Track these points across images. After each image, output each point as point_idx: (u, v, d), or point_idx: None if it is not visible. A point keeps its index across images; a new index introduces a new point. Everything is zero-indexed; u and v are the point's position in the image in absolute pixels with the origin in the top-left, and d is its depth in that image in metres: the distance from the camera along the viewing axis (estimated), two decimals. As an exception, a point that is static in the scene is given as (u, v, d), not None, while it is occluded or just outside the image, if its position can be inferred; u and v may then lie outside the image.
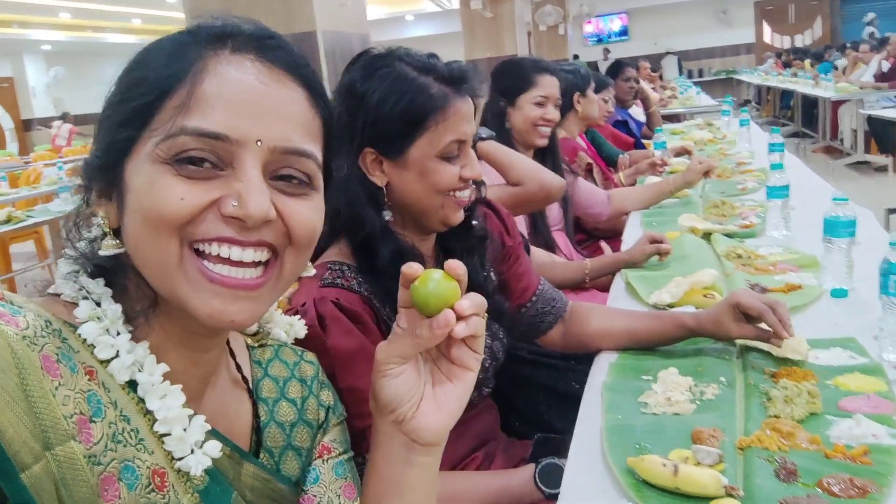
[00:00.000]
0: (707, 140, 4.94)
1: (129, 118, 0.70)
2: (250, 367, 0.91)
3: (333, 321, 1.16)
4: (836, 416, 1.19)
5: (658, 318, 1.54)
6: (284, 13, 3.64)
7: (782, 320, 1.36)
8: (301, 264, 0.77)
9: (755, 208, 2.69)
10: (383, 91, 1.23)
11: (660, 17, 19.41)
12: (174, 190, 0.67)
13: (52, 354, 0.64)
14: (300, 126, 0.73)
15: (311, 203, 0.75)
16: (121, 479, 0.67)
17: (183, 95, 0.68)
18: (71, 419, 0.63)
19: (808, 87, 10.42)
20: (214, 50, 0.71)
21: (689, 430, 1.16)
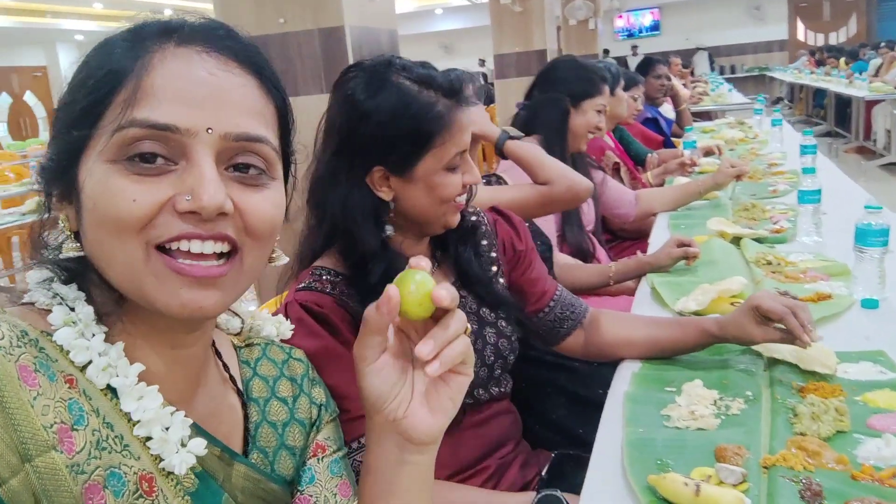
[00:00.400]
0: (738, 139, 4.87)
1: (78, 118, 0.69)
2: (239, 368, 0.91)
3: (298, 322, 1.15)
4: (864, 435, 1.16)
5: (680, 325, 1.51)
6: (313, 8, 3.64)
7: (803, 324, 1.32)
8: (263, 257, 0.76)
9: (786, 212, 2.65)
10: (389, 111, 1.24)
11: (692, 13, 19.20)
12: (126, 192, 0.66)
13: (30, 364, 0.64)
14: (251, 112, 0.72)
15: (269, 194, 0.74)
16: (106, 486, 0.66)
17: (131, 89, 0.67)
18: (51, 429, 0.63)
19: (841, 86, 10.25)
20: (160, 44, 0.70)
21: (713, 447, 1.14)
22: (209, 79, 0.70)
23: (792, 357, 1.40)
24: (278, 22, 3.68)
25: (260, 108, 0.73)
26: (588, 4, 12.31)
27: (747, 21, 19.10)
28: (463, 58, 19.93)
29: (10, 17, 13.36)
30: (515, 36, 9.07)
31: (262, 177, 0.73)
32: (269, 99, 0.75)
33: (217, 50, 0.72)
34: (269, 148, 0.73)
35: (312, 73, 3.27)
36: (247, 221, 0.71)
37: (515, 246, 1.55)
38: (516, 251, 1.55)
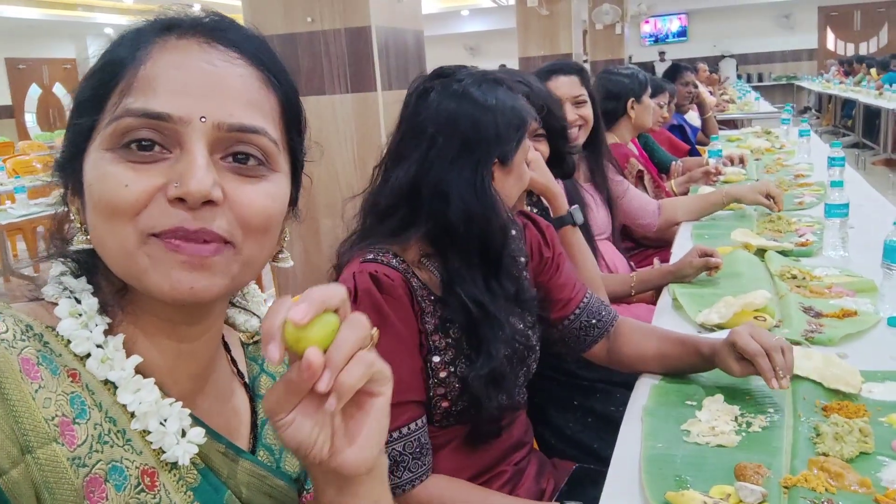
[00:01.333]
0: (764, 149, 4.82)
1: (82, 107, 0.70)
2: (246, 364, 0.91)
3: (365, 293, 1.24)
4: (888, 458, 1.13)
5: (683, 344, 1.48)
6: (341, 8, 3.65)
7: (775, 368, 1.28)
8: (262, 249, 0.74)
9: (812, 225, 2.61)
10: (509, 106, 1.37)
11: (720, 19, 19.04)
12: (119, 177, 0.66)
13: (32, 357, 0.64)
14: (248, 103, 0.71)
15: (266, 185, 0.72)
16: (108, 480, 0.66)
17: (128, 79, 0.68)
18: (52, 421, 0.63)
19: (871, 98, 10.13)
20: (161, 37, 0.71)
21: (733, 464, 1.12)
22: (207, 68, 0.69)
23: (816, 375, 1.38)
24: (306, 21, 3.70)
25: (259, 100, 0.72)
26: (615, 9, 12.26)
27: (776, 29, 18.91)
28: (489, 60, 19.93)
29: (41, 9, 13.51)
30: (541, 39, 9.04)
31: (261, 168, 0.72)
32: (271, 91, 0.74)
33: (218, 41, 0.72)
34: (267, 139, 0.72)
35: (339, 73, 3.28)
36: (239, 213, 0.69)
37: (543, 252, 1.56)
38: (543, 256, 1.56)
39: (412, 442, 1.25)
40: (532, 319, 1.48)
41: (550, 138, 2.01)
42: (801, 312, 1.76)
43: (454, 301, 1.30)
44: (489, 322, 1.30)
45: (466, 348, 1.31)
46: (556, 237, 1.61)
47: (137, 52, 0.69)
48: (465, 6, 18.26)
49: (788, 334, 1.63)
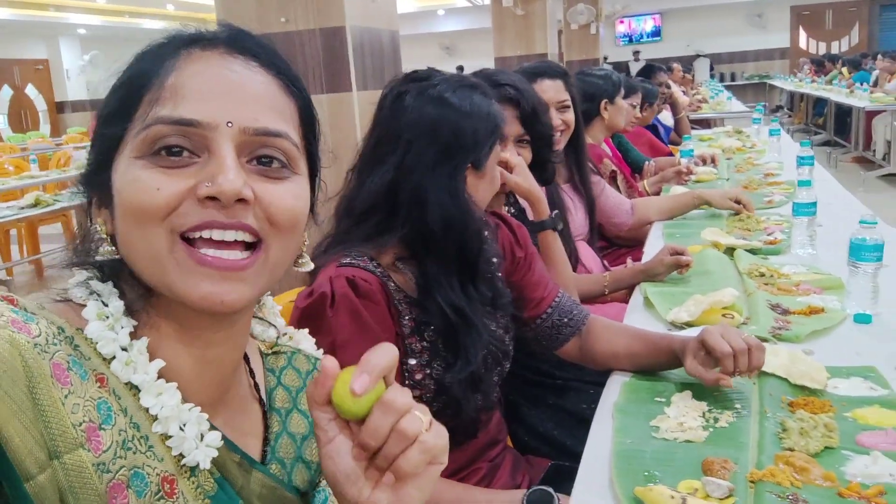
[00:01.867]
0: (735, 148, 4.88)
1: (110, 119, 0.72)
2: (264, 375, 0.91)
3: (343, 298, 1.24)
4: (853, 452, 1.16)
5: (653, 342, 1.51)
6: (315, 8, 3.64)
7: (739, 370, 1.31)
8: (288, 251, 0.77)
9: (781, 223, 2.65)
10: (485, 110, 1.38)
11: (693, 19, 19.21)
12: (151, 181, 0.69)
13: (63, 362, 0.65)
14: (271, 108, 0.74)
15: (290, 186, 0.75)
16: (130, 486, 0.66)
17: (155, 90, 0.71)
18: (80, 427, 0.63)
19: (842, 96, 10.26)
20: (187, 49, 0.74)
21: (700, 459, 1.14)
22: (231, 76, 0.73)
23: (782, 371, 1.41)
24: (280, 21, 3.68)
25: (281, 105, 0.76)
26: (590, 9, 12.32)
27: (749, 28, 19.11)
28: (465, 59, 19.95)
29: (12, 9, 13.35)
30: (517, 39, 9.07)
31: (285, 170, 0.75)
32: (290, 97, 0.78)
33: (238, 50, 0.75)
34: (290, 143, 0.75)
35: (314, 73, 3.28)
36: (268, 211, 0.72)
37: (515, 252, 1.58)
38: (515, 256, 1.58)
39: None
40: (506, 321, 1.50)
41: (535, 144, 2.00)
42: (768, 310, 1.79)
43: (432, 306, 1.30)
44: (467, 327, 1.31)
45: (443, 351, 1.32)
46: (528, 237, 1.63)
47: (164, 64, 0.72)
48: (441, 6, 18.28)
49: (756, 331, 1.66)
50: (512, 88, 1.90)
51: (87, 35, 16.57)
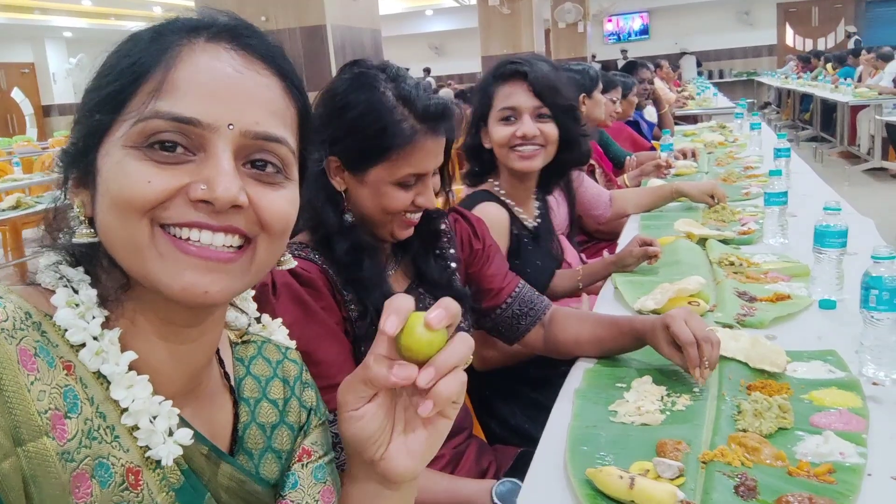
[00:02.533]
0: (717, 142, 4.90)
1: (103, 103, 0.70)
2: (233, 365, 0.90)
3: (284, 286, 1.24)
4: (807, 433, 1.17)
5: (618, 325, 1.51)
6: (295, 7, 3.65)
7: (708, 359, 1.30)
8: (275, 252, 0.76)
9: (755, 214, 2.67)
10: (360, 112, 1.29)
11: (681, 17, 19.27)
12: (142, 173, 0.67)
13: (30, 348, 0.64)
14: (273, 112, 0.73)
15: (284, 192, 0.74)
16: (94, 476, 0.66)
17: (157, 80, 0.68)
18: (45, 415, 0.63)
19: (826, 92, 10.32)
20: (189, 39, 0.71)
21: (655, 442, 1.15)
22: (235, 75, 0.71)
23: (742, 355, 1.42)
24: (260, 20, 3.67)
25: (282, 110, 0.75)
26: (577, 8, 12.35)
27: (736, 25, 19.18)
28: (453, 59, 19.96)
29: (-2, 13, 13.31)
30: (503, 38, 9.09)
31: (279, 175, 0.74)
32: (292, 101, 0.76)
33: (244, 48, 0.73)
34: (287, 149, 0.74)
35: (294, 72, 3.28)
36: (261, 216, 0.72)
37: (473, 244, 1.59)
38: (473, 249, 1.58)
39: None
40: (465, 315, 1.50)
41: (557, 118, 1.97)
42: (735, 297, 1.80)
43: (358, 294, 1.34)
44: None
45: None
46: (486, 230, 1.64)
47: (166, 52, 0.70)
48: (428, 6, 18.28)
49: (722, 318, 1.67)
50: (520, 63, 1.92)
51: (73, 38, 16.51)
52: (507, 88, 1.97)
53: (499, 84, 1.99)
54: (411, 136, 1.29)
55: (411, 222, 1.36)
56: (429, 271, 1.45)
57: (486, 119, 2.03)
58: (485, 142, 2.04)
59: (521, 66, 1.92)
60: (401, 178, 1.31)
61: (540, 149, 1.98)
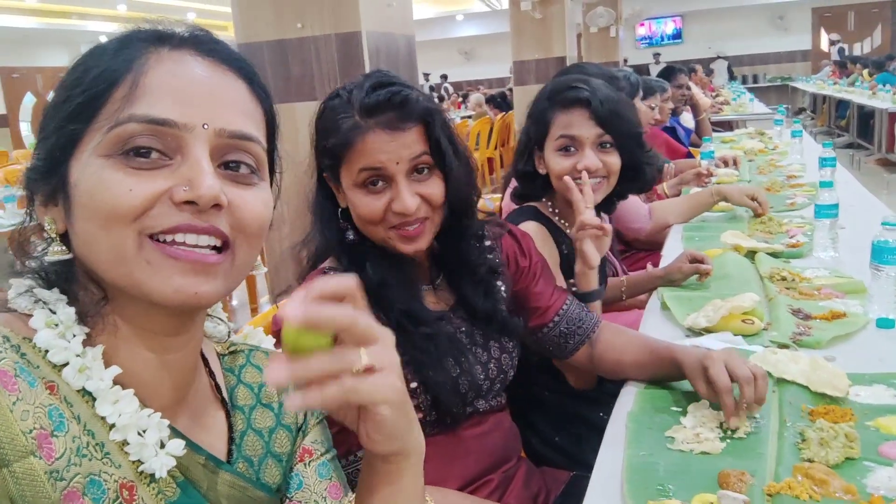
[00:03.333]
0: (757, 150, 4.81)
1: (74, 114, 0.70)
2: (223, 376, 0.90)
3: None
4: (875, 463, 1.11)
5: (657, 352, 1.44)
6: (331, 13, 3.64)
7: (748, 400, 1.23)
8: (252, 254, 0.77)
9: (803, 226, 2.59)
10: (320, 128, 1.32)
11: (714, 21, 19.10)
12: (123, 183, 0.68)
13: (10, 369, 0.64)
14: (243, 112, 0.75)
15: (258, 192, 0.76)
16: (86, 493, 0.66)
17: (128, 86, 0.70)
18: (30, 434, 0.62)
19: (864, 98, 10.13)
20: (155, 46, 0.73)
21: (717, 472, 1.10)
22: (204, 78, 0.73)
23: (802, 378, 1.36)
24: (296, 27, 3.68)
25: (251, 110, 0.77)
26: (609, 12, 12.26)
27: (770, 30, 18.96)
28: (483, 64, 19.94)
29: (36, 17, 13.52)
30: (535, 43, 9.04)
31: (253, 176, 0.76)
32: (259, 103, 0.79)
33: (208, 54, 0.75)
34: (260, 147, 0.76)
35: (329, 78, 3.27)
36: (238, 217, 0.73)
37: (519, 262, 1.54)
38: (519, 266, 1.54)
39: None
40: (508, 342, 1.47)
41: (622, 146, 1.86)
42: (789, 315, 1.74)
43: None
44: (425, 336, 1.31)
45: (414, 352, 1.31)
46: (533, 247, 1.59)
47: (134, 61, 0.71)
48: (459, 10, 18.28)
49: (777, 337, 1.62)
50: (581, 89, 1.81)
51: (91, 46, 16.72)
52: (567, 116, 1.85)
53: (556, 110, 1.87)
54: (353, 131, 1.26)
55: (408, 233, 1.29)
56: (478, 306, 1.41)
57: (540, 145, 1.91)
58: (539, 168, 1.93)
59: (582, 91, 1.81)
60: (356, 177, 1.28)
61: (602, 181, 1.87)
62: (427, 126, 1.28)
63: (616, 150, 1.86)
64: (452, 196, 1.32)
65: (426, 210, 1.29)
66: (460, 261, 1.40)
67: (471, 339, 1.41)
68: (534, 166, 1.94)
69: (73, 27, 14.49)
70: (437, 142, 1.28)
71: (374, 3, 3.69)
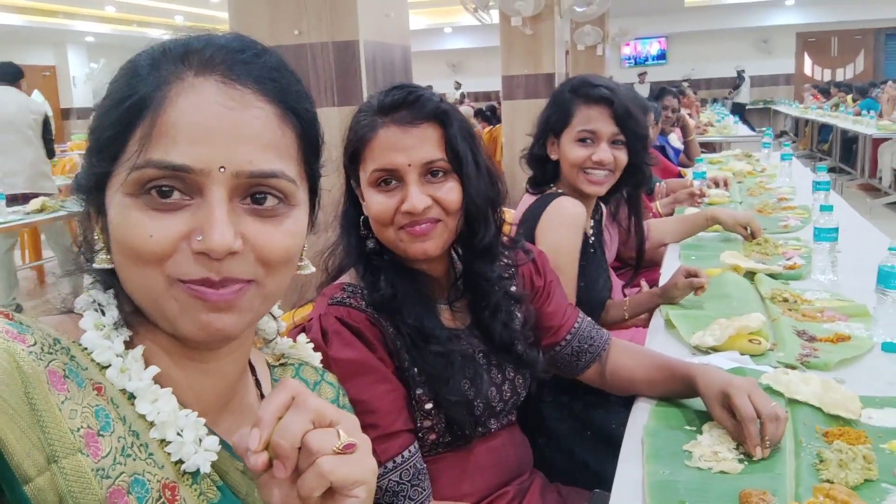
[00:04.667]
0: (746, 172, 4.85)
1: (101, 150, 0.72)
2: (271, 387, 0.91)
3: (335, 335, 1.23)
4: (892, 485, 1.12)
5: (671, 369, 1.45)
6: (329, 21, 3.63)
7: (770, 438, 1.21)
8: (284, 281, 0.78)
9: (799, 248, 2.62)
10: (348, 130, 1.33)
11: (699, 43, 19.27)
12: (144, 227, 0.69)
13: (59, 370, 0.65)
14: (266, 146, 0.72)
15: (286, 222, 0.75)
16: (130, 492, 0.67)
17: (147, 126, 0.69)
18: (78, 433, 0.64)
19: (848, 123, 10.27)
20: (178, 73, 0.71)
21: (737, 491, 1.10)
22: (225, 114, 0.70)
23: (815, 400, 1.37)
24: (293, 33, 3.67)
25: (276, 141, 0.74)
26: (597, 31, 12.35)
27: (754, 53, 19.17)
28: (471, 77, 20.01)
29: (22, 15, 13.39)
30: (525, 58, 9.06)
31: (280, 206, 0.74)
32: (288, 127, 0.75)
33: (235, 78, 0.72)
34: (286, 181, 0.74)
35: (325, 86, 3.26)
36: (260, 254, 0.72)
37: (535, 281, 1.54)
38: (534, 286, 1.53)
39: (408, 470, 1.23)
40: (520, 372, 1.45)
41: (630, 145, 2.02)
42: (794, 336, 1.75)
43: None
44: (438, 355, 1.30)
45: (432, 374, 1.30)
46: (547, 264, 1.59)
47: (159, 90, 0.70)
48: (448, 23, 18.34)
49: (783, 358, 1.63)
50: (605, 89, 1.96)
51: (95, 43, 16.60)
52: (591, 111, 2.00)
53: (580, 103, 2.02)
54: (368, 130, 1.27)
55: (417, 232, 1.27)
56: (495, 336, 1.38)
57: (557, 132, 2.06)
58: (551, 153, 2.09)
59: (608, 91, 1.97)
60: (370, 177, 1.28)
61: (610, 175, 2.04)
62: (443, 128, 1.27)
63: (625, 148, 2.02)
64: (470, 203, 1.29)
65: (439, 212, 1.27)
66: (479, 279, 1.36)
67: (486, 360, 1.39)
68: (545, 152, 2.10)
69: (60, 26, 14.36)
70: (453, 146, 1.27)
71: (373, 12, 3.69)
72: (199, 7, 14.00)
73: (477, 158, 1.31)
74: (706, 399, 1.34)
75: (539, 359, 1.45)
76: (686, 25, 18.63)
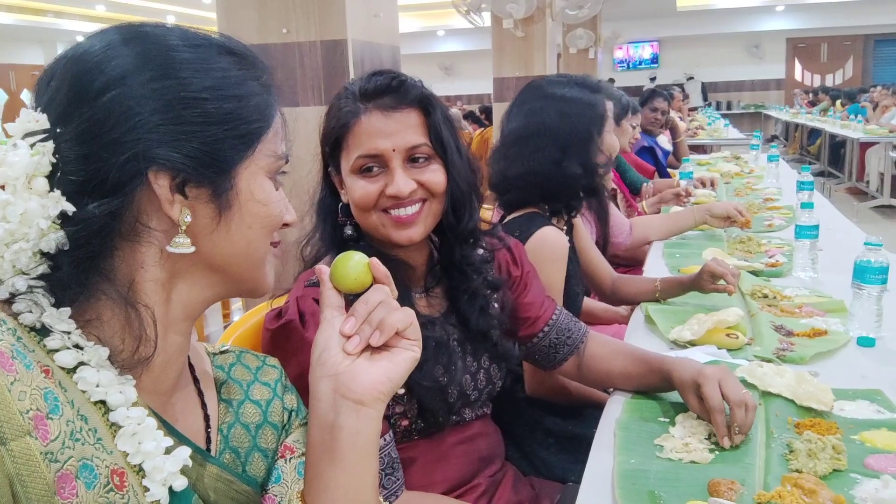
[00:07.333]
0: (734, 173, 4.87)
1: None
2: (212, 372, 0.93)
3: (311, 316, 1.22)
4: (861, 475, 1.13)
5: (648, 362, 1.45)
6: (317, 20, 3.63)
7: (739, 425, 1.22)
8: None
9: (782, 247, 2.63)
10: (325, 117, 1.33)
11: (691, 47, 19.30)
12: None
13: (7, 350, 0.64)
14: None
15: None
16: (78, 477, 0.66)
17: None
18: (27, 415, 0.63)
19: (836, 127, 10.32)
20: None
21: (706, 480, 1.11)
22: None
23: (788, 392, 1.37)
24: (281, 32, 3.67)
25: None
26: (589, 34, 12.37)
27: (746, 58, 19.22)
28: (463, 80, 20.02)
29: (11, 14, 13.34)
30: (516, 60, 9.07)
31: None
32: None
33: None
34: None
35: (313, 85, 3.26)
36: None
37: (511, 271, 1.53)
38: (511, 276, 1.53)
39: (382, 458, 1.22)
40: (492, 361, 1.44)
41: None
42: (772, 331, 1.76)
43: None
44: None
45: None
46: (524, 255, 1.58)
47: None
48: (440, 26, 18.35)
49: (760, 352, 1.63)
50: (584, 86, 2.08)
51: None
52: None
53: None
54: (350, 116, 1.27)
55: (399, 219, 1.28)
56: (471, 322, 1.38)
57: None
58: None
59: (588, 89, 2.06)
60: (354, 164, 1.27)
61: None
62: (426, 115, 1.28)
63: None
64: (455, 188, 1.30)
65: (424, 193, 1.28)
66: (457, 266, 1.37)
67: (461, 348, 1.39)
68: None
69: (49, 25, 14.31)
70: (436, 132, 1.27)
71: (362, 12, 3.69)
72: (190, 7, 13.98)
73: (458, 144, 1.32)
74: (681, 390, 1.34)
75: (514, 350, 1.45)
76: (678, 30, 18.66)
